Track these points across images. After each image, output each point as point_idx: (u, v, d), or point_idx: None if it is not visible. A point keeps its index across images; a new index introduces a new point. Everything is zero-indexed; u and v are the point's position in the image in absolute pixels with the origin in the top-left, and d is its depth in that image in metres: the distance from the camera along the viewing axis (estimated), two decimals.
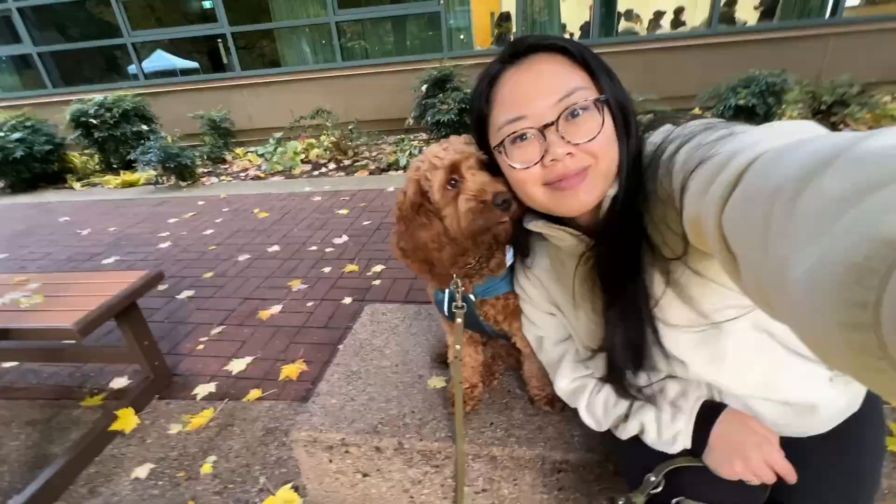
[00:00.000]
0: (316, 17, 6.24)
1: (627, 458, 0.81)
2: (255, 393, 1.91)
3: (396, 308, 1.55)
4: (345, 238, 3.34)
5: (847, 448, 0.72)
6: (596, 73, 0.64)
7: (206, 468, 1.58)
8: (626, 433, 0.77)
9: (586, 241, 0.71)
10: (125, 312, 1.76)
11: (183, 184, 5.10)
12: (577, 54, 0.64)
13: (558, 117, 0.61)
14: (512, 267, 0.93)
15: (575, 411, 1.03)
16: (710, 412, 0.71)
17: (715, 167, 0.43)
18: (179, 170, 4.98)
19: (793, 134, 0.40)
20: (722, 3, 5.83)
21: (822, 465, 0.71)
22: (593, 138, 0.61)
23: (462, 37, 6.28)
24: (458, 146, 0.77)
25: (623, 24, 8.63)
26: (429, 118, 4.84)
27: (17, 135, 5.16)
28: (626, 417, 0.77)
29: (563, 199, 0.64)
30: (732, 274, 0.41)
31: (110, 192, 5.20)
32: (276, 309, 2.52)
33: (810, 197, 0.28)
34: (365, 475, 1.09)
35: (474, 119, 0.73)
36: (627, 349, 0.69)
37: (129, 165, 5.70)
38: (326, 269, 2.91)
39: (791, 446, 0.69)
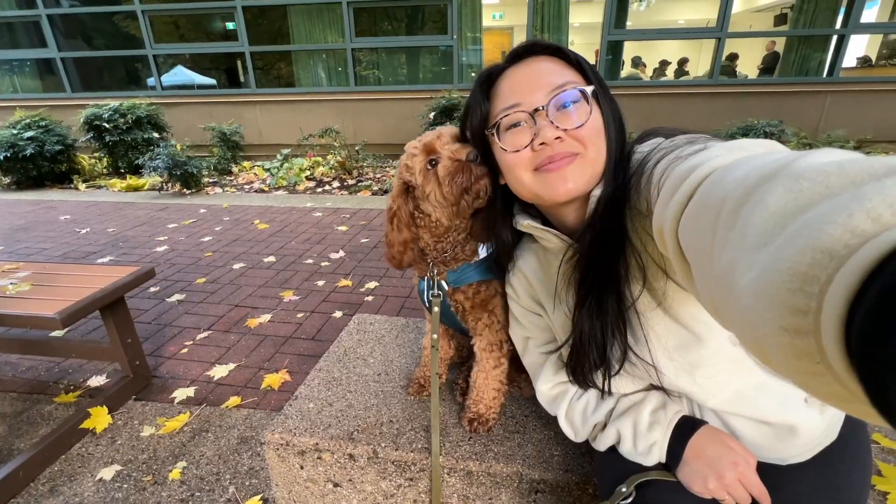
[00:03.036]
0: (333, 43, 6.47)
1: (602, 469, 0.78)
2: (234, 400, 1.86)
3: (385, 319, 1.53)
4: (341, 254, 3.35)
5: (826, 480, 0.70)
6: (589, 76, 0.67)
7: (175, 474, 1.52)
8: (603, 443, 0.75)
9: (572, 243, 0.72)
10: (111, 307, 1.74)
11: (187, 191, 5.15)
12: (572, 58, 0.68)
13: (548, 103, 0.64)
14: (485, 259, 0.94)
15: (555, 431, 1.01)
16: (688, 427, 0.69)
17: (678, 180, 0.45)
18: (185, 177, 5.04)
19: (752, 150, 0.43)
20: (723, 58, 6.06)
21: (799, 496, 0.69)
22: (581, 125, 0.63)
23: (473, 74, 6.50)
24: (430, 134, 0.85)
25: (628, 70, 8.99)
26: None
27: (29, 133, 5.26)
28: (604, 426, 0.76)
29: (550, 182, 0.65)
30: (687, 281, 0.43)
31: (114, 194, 5.24)
32: (266, 318, 2.50)
33: (754, 209, 0.30)
34: (336, 485, 1.04)
35: (473, 116, 0.75)
36: (591, 346, 0.69)
37: (136, 170, 5.78)
38: (320, 283, 2.90)
39: (768, 473, 0.67)
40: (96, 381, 2.01)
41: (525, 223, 0.76)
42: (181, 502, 1.43)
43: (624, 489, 0.67)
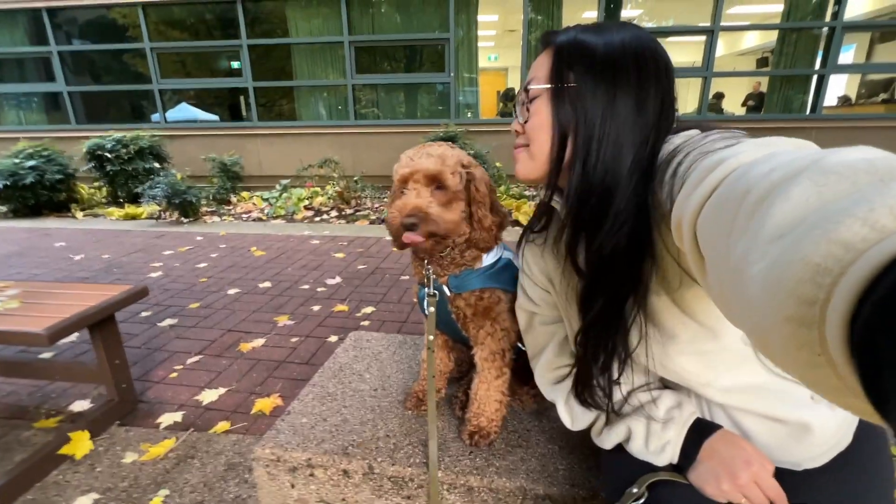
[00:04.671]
0: (335, 80, 6.70)
1: (608, 471, 0.74)
2: (222, 425, 1.79)
3: (382, 336, 1.49)
4: (338, 280, 3.32)
5: (844, 487, 0.66)
6: (559, 69, 0.65)
7: (156, 502, 1.43)
8: (609, 440, 0.72)
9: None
10: (100, 325, 1.70)
11: (185, 220, 5.16)
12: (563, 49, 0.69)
13: (518, 97, 0.72)
14: (489, 267, 0.93)
15: (560, 444, 0.97)
16: (703, 429, 0.66)
17: (703, 172, 0.44)
18: (183, 206, 5.06)
19: (784, 147, 0.42)
20: (710, 97, 6.31)
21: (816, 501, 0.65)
22: (525, 121, 0.70)
23: (469, 114, 6.71)
24: (420, 157, 0.83)
25: None
26: None
27: (31, 162, 5.31)
28: (607, 418, 0.73)
29: (515, 165, 0.74)
30: (700, 273, 0.42)
31: (111, 222, 5.24)
32: (259, 342, 2.44)
33: (775, 200, 0.30)
34: None
35: None
36: (601, 338, 0.67)
37: (135, 199, 5.80)
38: (315, 308, 2.85)
39: (783, 479, 0.64)
40: (80, 405, 1.93)
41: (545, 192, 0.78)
42: None
43: (635, 490, 0.64)
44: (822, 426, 0.65)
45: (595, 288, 0.65)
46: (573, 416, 0.78)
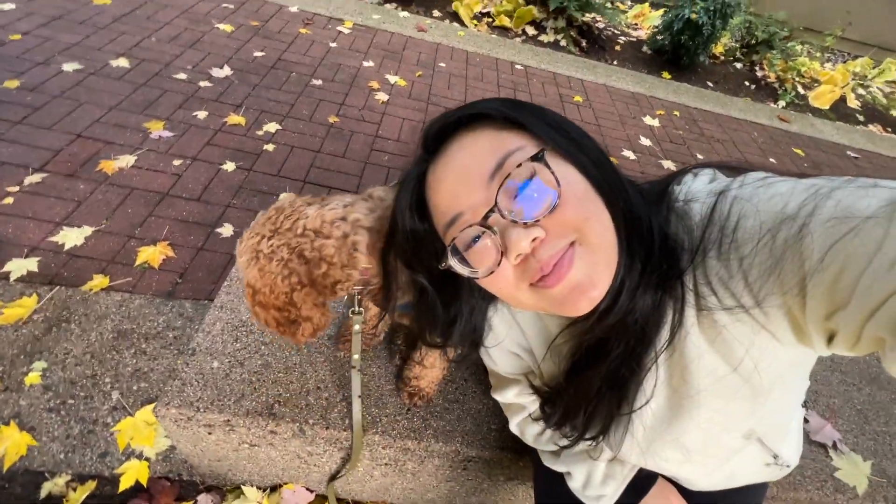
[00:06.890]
0: None
1: (544, 482, 0.81)
2: (99, 280, 1.52)
3: None
4: (227, 71, 2.58)
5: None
6: (527, 125, 0.48)
7: (33, 377, 1.27)
8: (551, 466, 0.75)
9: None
10: None
11: None
12: (496, 114, 0.49)
13: (496, 198, 0.45)
14: None
15: (494, 401, 1.00)
16: (641, 485, 0.70)
17: (821, 249, 0.39)
18: None
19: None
20: None
21: None
22: (555, 205, 0.43)
23: None
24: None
25: None
26: None
27: None
28: (557, 454, 0.75)
29: (561, 300, 0.47)
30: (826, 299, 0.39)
31: None
32: (128, 161, 1.93)
33: None
34: (253, 445, 0.95)
35: (416, 248, 0.57)
36: (585, 416, 0.62)
37: None
38: (200, 114, 2.26)
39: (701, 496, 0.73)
40: None
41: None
42: (51, 412, 1.23)
43: None
44: (747, 476, 0.72)
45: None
46: (524, 438, 0.79)
